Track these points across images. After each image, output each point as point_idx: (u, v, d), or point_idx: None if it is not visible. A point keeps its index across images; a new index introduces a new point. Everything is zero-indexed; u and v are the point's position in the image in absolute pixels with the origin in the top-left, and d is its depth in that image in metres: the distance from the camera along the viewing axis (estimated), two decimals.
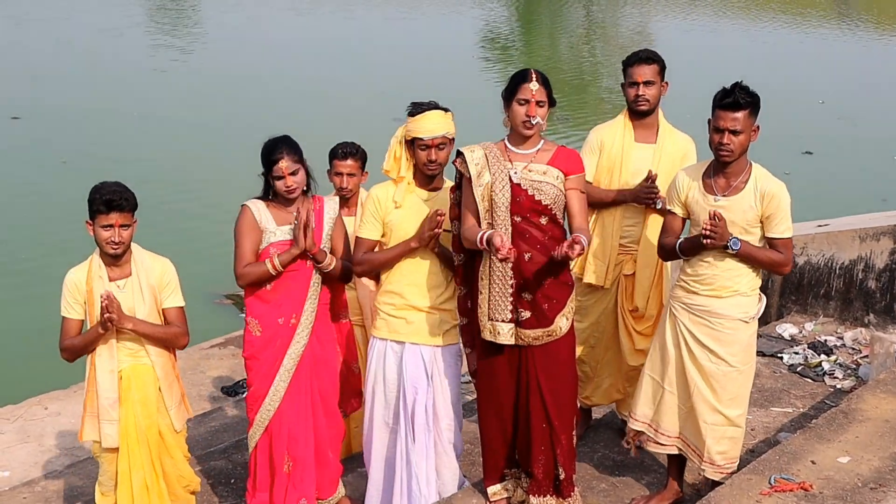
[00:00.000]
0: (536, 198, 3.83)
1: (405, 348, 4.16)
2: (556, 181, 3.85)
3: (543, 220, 3.85)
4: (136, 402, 4.02)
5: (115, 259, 3.97)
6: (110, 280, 3.97)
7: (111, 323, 3.85)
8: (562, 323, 3.92)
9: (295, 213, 4.07)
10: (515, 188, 3.83)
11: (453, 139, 4.08)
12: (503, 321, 3.90)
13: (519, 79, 3.84)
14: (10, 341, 8.42)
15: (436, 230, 3.98)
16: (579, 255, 3.70)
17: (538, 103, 3.80)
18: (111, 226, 3.87)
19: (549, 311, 3.87)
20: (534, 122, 3.81)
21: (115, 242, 3.89)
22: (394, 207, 4.08)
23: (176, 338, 4.08)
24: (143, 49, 21.40)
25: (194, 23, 25.85)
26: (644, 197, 4.48)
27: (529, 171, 3.84)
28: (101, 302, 3.82)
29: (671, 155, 4.58)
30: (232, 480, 5.00)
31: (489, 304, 3.89)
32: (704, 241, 3.85)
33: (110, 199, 3.86)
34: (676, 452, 4.21)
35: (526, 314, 3.87)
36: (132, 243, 4.02)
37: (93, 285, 3.95)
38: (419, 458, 4.17)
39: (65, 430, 6.25)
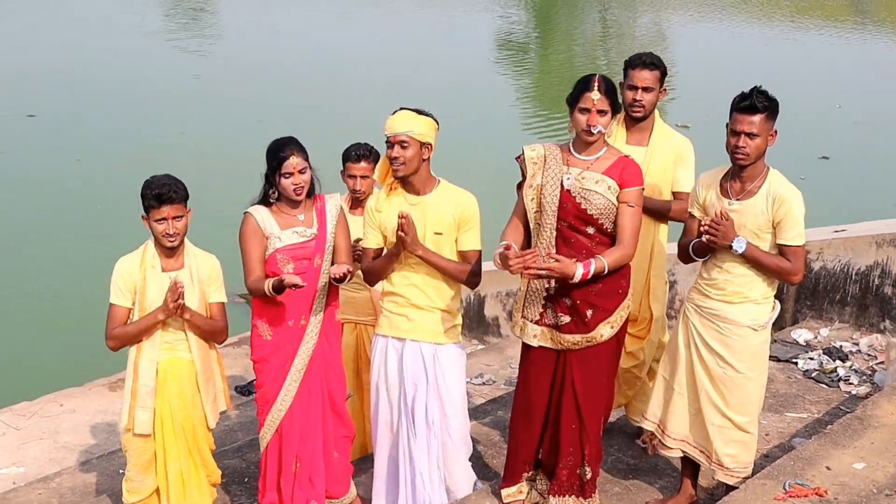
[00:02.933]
0: (583, 206, 3.83)
1: (405, 345, 4.17)
2: (608, 192, 3.84)
3: (590, 230, 3.85)
4: (172, 395, 4.09)
5: (171, 251, 4.04)
6: (163, 270, 4.04)
7: (178, 310, 3.92)
8: (604, 331, 3.91)
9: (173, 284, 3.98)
10: (565, 194, 3.84)
11: (428, 145, 4.01)
12: (533, 322, 3.92)
13: (581, 87, 3.83)
14: (25, 338, 8.48)
15: (399, 233, 3.94)
16: (545, 271, 3.69)
17: (599, 112, 3.79)
18: (164, 219, 3.95)
19: (591, 318, 3.88)
20: (594, 132, 3.81)
21: (171, 234, 3.97)
22: (377, 213, 4.11)
23: (221, 332, 4.17)
24: (162, 48, 21.49)
25: (218, 23, 25.93)
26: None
27: (583, 178, 3.85)
28: (171, 289, 3.90)
29: (662, 157, 4.55)
30: (245, 479, 5.02)
31: (524, 302, 3.95)
32: (705, 238, 3.84)
33: (160, 193, 3.93)
34: (681, 455, 4.20)
35: (565, 319, 3.89)
36: (185, 238, 4.08)
37: (146, 274, 4.01)
38: (421, 455, 4.18)
39: (80, 426, 6.29)
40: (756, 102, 3.77)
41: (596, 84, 3.80)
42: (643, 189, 3.95)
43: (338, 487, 4.45)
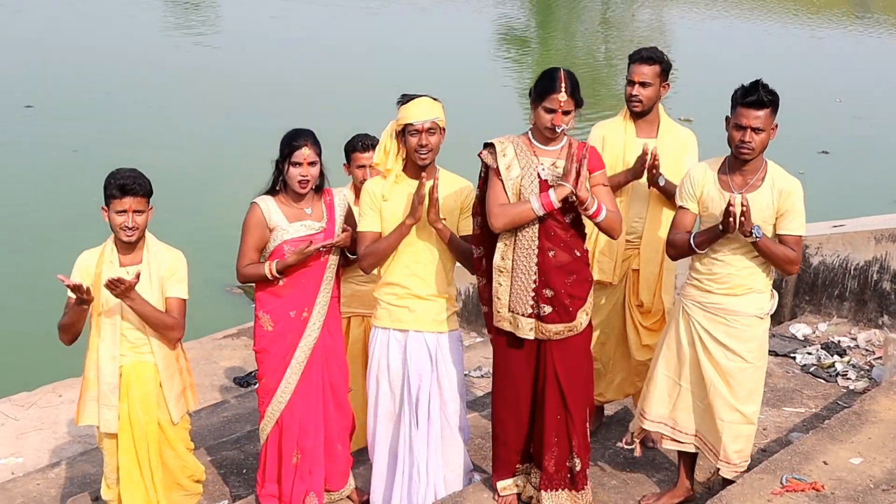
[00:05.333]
0: None
1: (409, 336, 4.18)
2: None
3: (568, 219, 3.88)
4: (135, 399, 4.02)
5: (129, 245, 3.97)
6: (121, 265, 3.97)
7: (120, 289, 3.74)
8: (582, 318, 3.96)
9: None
10: (543, 184, 3.84)
11: (444, 129, 4.08)
12: (524, 315, 3.92)
13: (547, 85, 3.80)
14: (23, 329, 8.47)
15: (421, 194, 3.92)
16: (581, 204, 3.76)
17: (564, 112, 3.80)
18: (125, 211, 3.87)
19: (570, 306, 3.91)
20: (558, 131, 3.82)
21: (129, 228, 3.89)
22: (382, 200, 4.10)
23: (172, 327, 3.99)
24: (159, 40, 21.45)
25: (216, 16, 25.89)
26: (641, 168, 4.45)
27: (556, 167, 3.86)
28: (108, 282, 3.77)
29: (672, 149, 4.58)
30: (244, 471, 5.02)
31: (511, 297, 3.92)
32: (730, 223, 3.71)
33: (124, 184, 3.86)
34: (694, 451, 4.20)
35: (548, 309, 3.90)
36: (147, 233, 4.02)
37: (102, 269, 3.95)
38: (421, 445, 4.20)
39: None
40: (762, 97, 3.76)
41: (563, 85, 3.77)
42: (606, 170, 4.01)
43: (337, 480, 4.46)
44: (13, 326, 8.51)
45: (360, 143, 4.79)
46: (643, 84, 4.51)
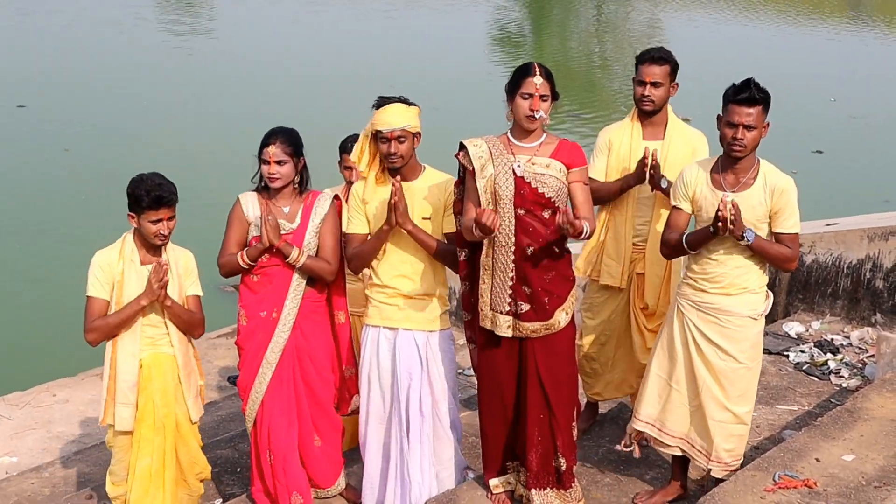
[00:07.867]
0: (540, 190, 3.84)
1: (398, 334, 4.18)
2: (559, 174, 3.87)
3: (546, 214, 3.87)
4: (155, 391, 4.06)
5: (156, 247, 4.02)
6: (142, 264, 4.01)
7: (161, 293, 3.89)
8: (561, 317, 3.94)
9: (266, 214, 4.07)
10: (519, 181, 3.84)
11: (418, 134, 4.08)
12: (502, 313, 3.92)
13: (522, 73, 3.85)
14: (17, 328, 8.47)
15: (395, 200, 3.92)
16: (574, 234, 3.68)
17: (542, 97, 3.81)
18: (160, 220, 3.93)
19: (548, 304, 3.90)
20: (537, 116, 3.82)
21: (164, 235, 3.96)
22: (363, 203, 4.12)
23: (199, 324, 4.15)
24: (152, 39, 21.42)
25: (207, 15, 25.87)
26: (643, 172, 4.44)
27: (533, 164, 3.86)
28: (155, 270, 3.87)
29: (679, 151, 4.58)
30: (238, 469, 5.03)
31: (491, 295, 3.92)
32: (720, 227, 3.73)
33: (160, 196, 3.89)
34: (680, 453, 4.20)
35: (525, 307, 3.90)
36: None
37: (125, 267, 3.98)
38: (413, 444, 4.20)
39: (72, 416, 6.30)
40: (754, 94, 3.78)
41: (537, 69, 3.81)
42: (587, 168, 3.99)
43: (323, 478, 4.47)
44: (6, 326, 8.49)
45: (350, 145, 4.80)
46: (655, 84, 4.50)
